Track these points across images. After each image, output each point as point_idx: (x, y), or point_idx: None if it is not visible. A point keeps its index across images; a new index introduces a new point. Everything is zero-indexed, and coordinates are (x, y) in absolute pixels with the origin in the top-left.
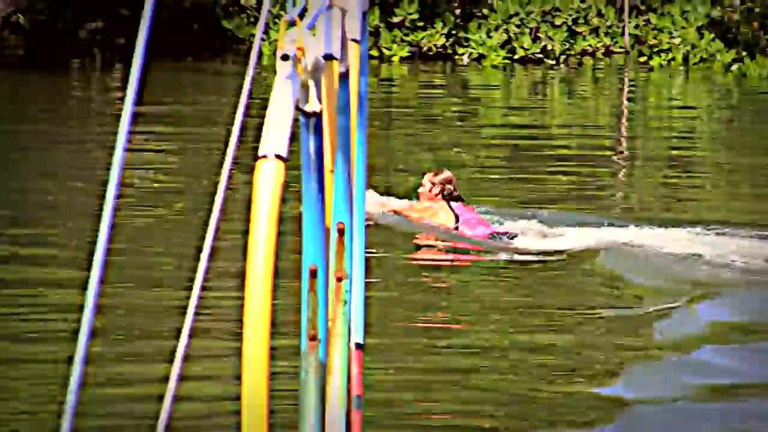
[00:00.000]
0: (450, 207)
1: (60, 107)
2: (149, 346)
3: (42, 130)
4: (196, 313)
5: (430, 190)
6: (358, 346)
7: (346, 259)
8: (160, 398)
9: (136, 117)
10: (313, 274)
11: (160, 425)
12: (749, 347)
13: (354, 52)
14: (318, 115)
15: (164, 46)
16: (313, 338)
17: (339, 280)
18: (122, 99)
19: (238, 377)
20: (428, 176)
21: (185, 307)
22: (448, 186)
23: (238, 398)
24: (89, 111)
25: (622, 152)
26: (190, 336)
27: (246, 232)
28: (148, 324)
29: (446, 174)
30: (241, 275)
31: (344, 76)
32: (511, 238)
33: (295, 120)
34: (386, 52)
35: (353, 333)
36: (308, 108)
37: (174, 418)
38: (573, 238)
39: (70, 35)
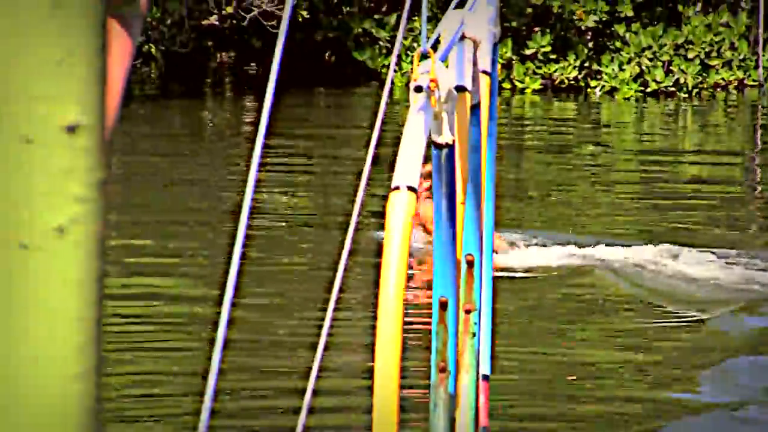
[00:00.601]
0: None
1: (194, 134)
2: (283, 369)
3: (177, 154)
4: (326, 348)
5: (420, 184)
6: (485, 377)
7: (474, 291)
8: (293, 411)
9: (267, 147)
10: (443, 306)
11: None
12: None
13: (485, 83)
14: (450, 147)
15: (296, 77)
16: (442, 370)
17: (467, 312)
18: (254, 128)
19: (369, 408)
20: None
21: (317, 334)
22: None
23: (368, 428)
24: (221, 138)
25: (755, 186)
26: (320, 370)
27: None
28: (281, 344)
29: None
30: (373, 305)
31: (475, 108)
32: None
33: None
34: (518, 85)
35: (481, 365)
36: (441, 139)
37: None
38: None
39: (202, 65)
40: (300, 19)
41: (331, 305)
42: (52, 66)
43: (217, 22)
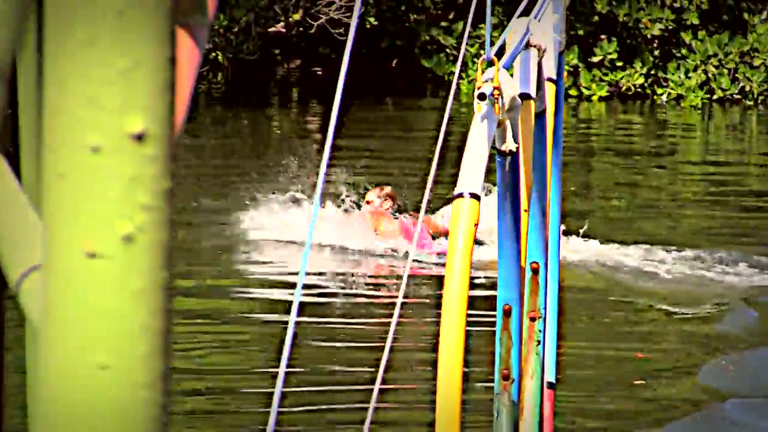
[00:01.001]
0: (400, 221)
1: (261, 141)
2: (348, 377)
3: (242, 163)
4: (391, 350)
5: (380, 205)
6: (550, 385)
7: (539, 298)
8: (357, 423)
9: (334, 154)
10: (507, 313)
11: None
12: None
13: (550, 91)
14: (514, 155)
15: (362, 84)
16: (506, 377)
17: (532, 319)
18: (321, 134)
19: (432, 408)
20: (374, 192)
21: (383, 340)
22: (394, 200)
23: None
24: (288, 144)
25: None
26: (387, 368)
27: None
28: (346, 354)
29: (389, 188)
30: (437, 312)
31: (540, 116)
32: None
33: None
34: (585, 92)
35: (546, 372)
36: (504, 147)
37: None
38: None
39: (269, 72)
40: (367, 26)
41: (397, 309)
42: (120, 75)
43: (284, 30)
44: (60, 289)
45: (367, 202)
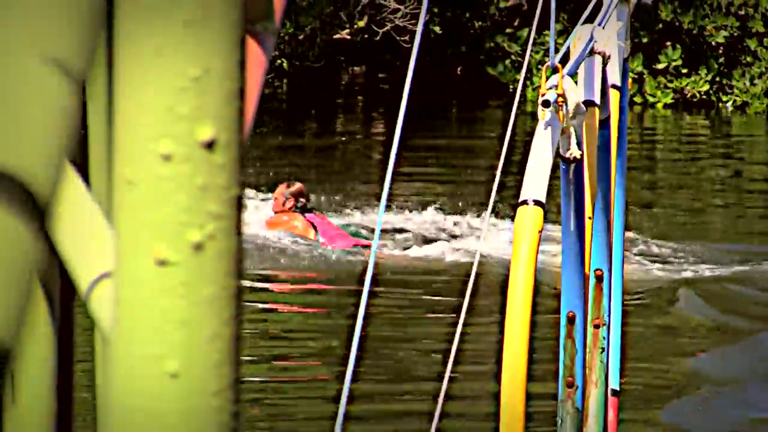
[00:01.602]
0: (305, 218)
1: (326, 147)
2: (412, 386)
3: (308, 167)
4: (457, 356)
5: (283, 204)
6: (614, 392)
7: (603, 306)
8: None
9: (399, 162)
10: (571, 320)
11: None
12: None
13: (614, 98)
14: (578, 162)
15: (427, 92)
16: (570, 385)
17: (596, 327)
18: (385, 141)
19: (496, 416)
20: (280, 188)
21: (447, 346)
22: (301, 198)
23: None
24: (354, 150)
25: None
26: (451, 378)
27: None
28: (412, 361)
29: (298, 185)
30: (500, 318)
31: (604, 123)
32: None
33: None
34: (650, 99)
35: (609, 379)
36: (569, 154)
37: None
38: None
39: (334, 79)
40: (431, 35)
41: (463, 315)
42: (191, 83)
43: (348, 37)
44: (130, 296)
45: (274, 199)
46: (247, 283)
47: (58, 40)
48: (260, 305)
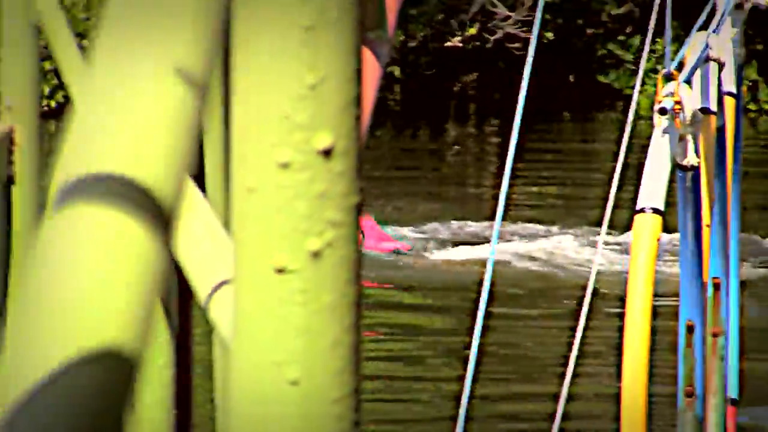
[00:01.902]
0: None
1: (439, 155)
2: (533, 388)
3: (422, 176)
4: (577, 363)
5: None
6: (733, 401)
7: (722, 314)
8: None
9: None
10: (690, 329)
11: None
12: None
13: (729, 105)
14: (695, 169)
15: (540, 100)
16: (689, 394)
17: (715, 335)
18: (500, 149)
19: (616, 421)
20: None
21: (567, 350)
22: None
23: None
24: (467, 158)
25: None
26: (573, 380)
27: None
28: (533, 365)
29: None
30: (620, 325)
31: (720, 130)
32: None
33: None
34: (765, 106)
35: (728, 388)
36: (686, 162)
37: None
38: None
39: (445, 87)
40: (545, 41)
41: (582, 319)
42: (309, 90)
43: (460, 44)
44: (250, 304)
45: None
46: None
47: (184, 49)
48: None
